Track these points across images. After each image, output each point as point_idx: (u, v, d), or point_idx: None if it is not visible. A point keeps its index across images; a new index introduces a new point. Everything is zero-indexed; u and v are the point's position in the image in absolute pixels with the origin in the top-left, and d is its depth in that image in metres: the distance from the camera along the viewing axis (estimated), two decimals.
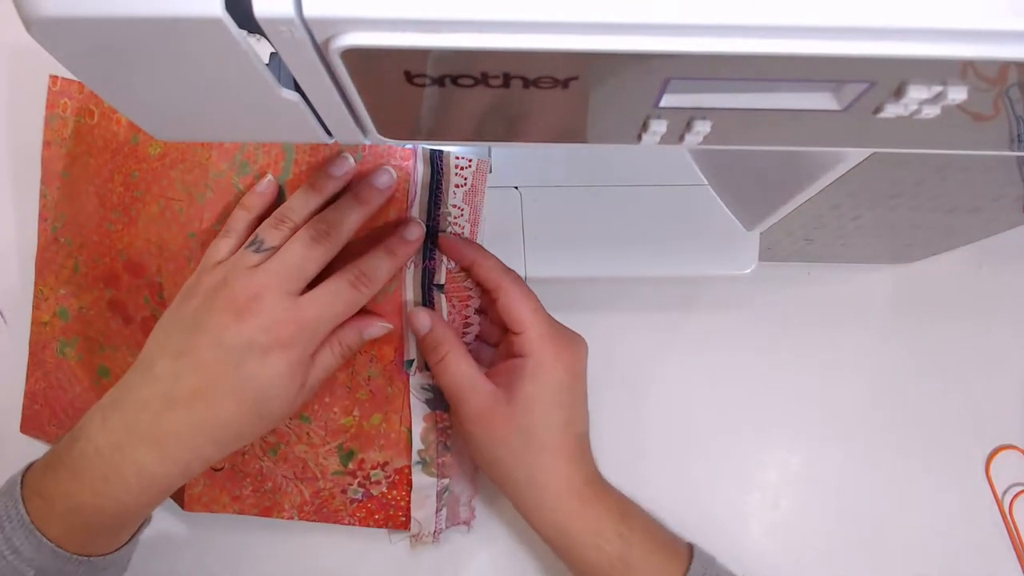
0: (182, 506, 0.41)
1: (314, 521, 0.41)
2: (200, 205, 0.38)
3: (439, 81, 0.19)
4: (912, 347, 0.46)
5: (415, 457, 0.40)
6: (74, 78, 0.44)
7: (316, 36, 0.17)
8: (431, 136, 0.23)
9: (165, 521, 0.44)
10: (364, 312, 0.37)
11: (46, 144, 0.44)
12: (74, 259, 0.43)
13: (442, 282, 0.38)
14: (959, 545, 0.43)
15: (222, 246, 0.35)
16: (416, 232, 0.37)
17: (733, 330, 0.47)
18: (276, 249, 0.34)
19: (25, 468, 0.34)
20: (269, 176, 0.37)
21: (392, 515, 0.41)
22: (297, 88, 0.20)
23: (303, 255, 0.33)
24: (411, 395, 0.39)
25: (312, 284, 0.34)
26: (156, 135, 0.24)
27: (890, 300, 0.48)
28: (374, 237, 0.37)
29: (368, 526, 0.41)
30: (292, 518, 0.41)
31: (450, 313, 0.39)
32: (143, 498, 0.33)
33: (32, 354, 0.44)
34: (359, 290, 0.34)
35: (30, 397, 0.44)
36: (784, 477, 0.44)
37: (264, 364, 0.32)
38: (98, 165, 0.43)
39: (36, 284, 0.44)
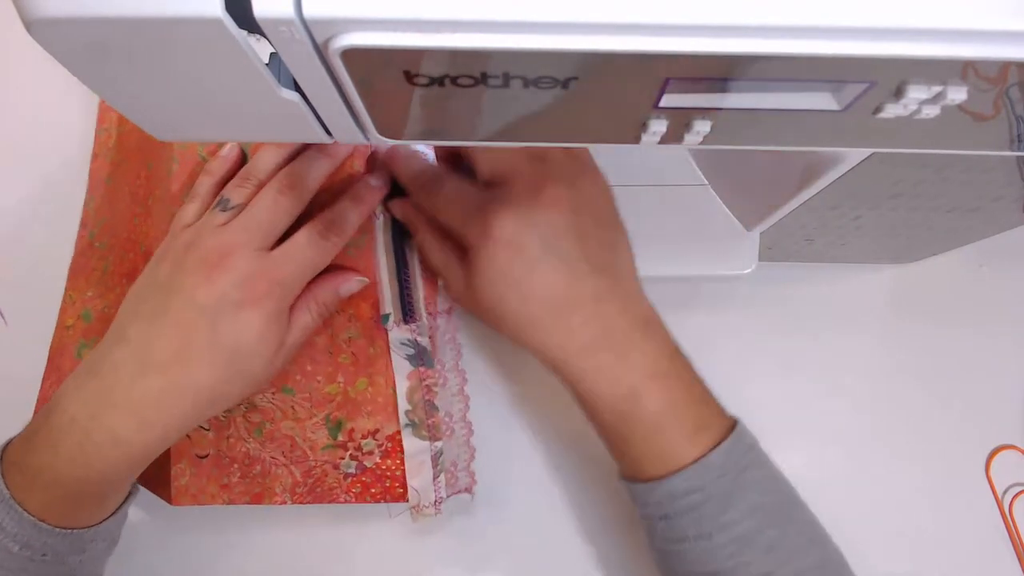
0: (169, 501, 0.40)
1: (308, 503, 0.40)
2: (169, 178, 0.38)
3: (439, 81, 0.19)
4: (912, 347, 0.46)
5: (403, 419, 0.39)
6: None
7: (316, 36, 0.17)
8: (431, 136, 0.23)
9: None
10: (338, 268, 0.37)
11: (94, 157, 0.46)
12: (104, 261, 0.43)
13: None
14: (959, 545, 0.43)
15: (189, 210, 0.35)
16: (381, 179, 0.37)
17: (733, 330, 0.46)
18: (243, 207, 0.34)
19: (5, 443, 0.33)
20: (232, 142, 0.37)
21: (389, 487, 0.40)
22: (297, 88, 0.20)
23: (271, 209, 0.33)
24: (392, 352, 0.39)
25: (283, 241, 0.34)
26: (157, 135, 0.24)
27: (890, 300, 0.48)
28: (341, 190, 0.36)
29: (365, 502, 0.40)
30: (285, 503, 0.40)
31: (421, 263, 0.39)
32: (122, 467, 0.32)
33: (50, 359, 0.44)
34: (329, 239, 0.34)
35: (42, 402, 0.44)
36: None
37: (239, 320, 0.32)
38: (131, 165, 0.43)
39: (66, 289, 0.44)
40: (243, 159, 0.37)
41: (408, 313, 0.38)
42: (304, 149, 0.36)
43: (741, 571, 0.32)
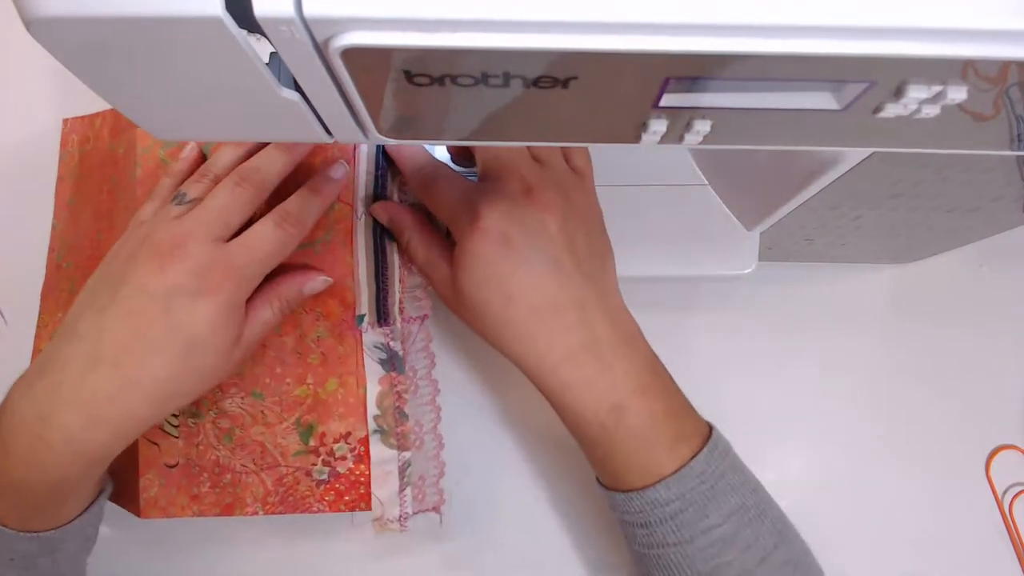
0: (138, 514, 0.39)
1: (280, 513, 0.39)
2: (133, 183, 0.39)
3: (439, 81, 0.19)
4: (912, 347, 0.46)
5: (372, 425, 0.38)
6: (83, 114, 0.46)
7: (316, 35, 0.17)
8: (431, 135, 0.23)
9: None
10: (303, 266, 0.37)
11: (59, 180, 0.46)
12: (71, 281, 0.43)
13: None
14: (959, 545, 0.43)
15: (146, 209, 0.35)
16: (340, 171, 0.37)
17: (733, 330, 0.46)
18: (199, 200, 0.33)
19: None
20: (192, 143, 0.37)
21: (363, 494, 0.38)
22: (297, 88, 0.20)
23: (227, 201, 0.33)
24: (364, 355, 0.38)
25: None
26: (156, 135, 0.24)
27: (890, 300, 0.48)
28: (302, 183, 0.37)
29: (339, 511, 0.39)
30: (256, 513, 0.38)
31: (402, 258, 0.39)
32: (75, 467, 0.31)
33: None
34: (285, 230, 0.34)
35: None
36: (784, 477, 0.44)
37: (192, 310, 0.31)
38: (93, 183, 0.43)
39: (40, 313, 0.44)
40: (203, 160, 0.37)
41: (383, 316, 0.38)
42: (263, 148, 0.36)
43: (722, 571, 0.32)
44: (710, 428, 0.35)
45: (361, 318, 0.38)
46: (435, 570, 0.43)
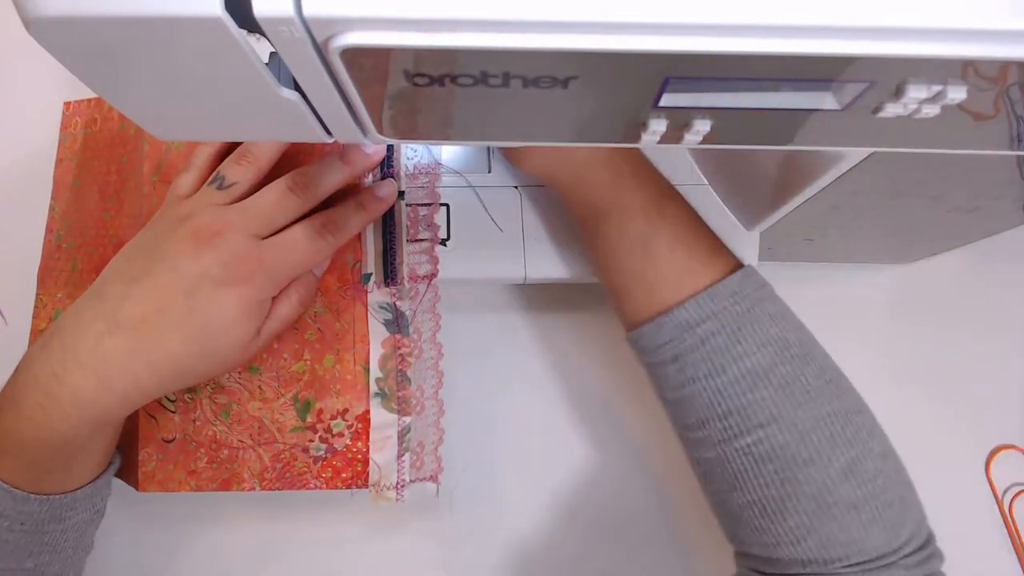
0: (136, 487, 0.39)
1: (277, 489, 0.39)
2: (141, 159, 0.39)
3: (439, 81, 0.19)
4: (912, 347, 0.46)
5: (373, 388, 0.38)
6: (83, 98, 0.46)
7: (316, 35, 0.17)
8: (430, 136, 0.23)
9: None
10: None
11: (58, 162, 0.46)
12: (73, 260, 0.43)
13: (402, 188, 0.38)
14: (959, 545, 0.43)
15: (185, 179, 0.35)
16: (388, 189, 0.37)
17: None
18: (238, 185, 0.34)
19: None
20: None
21: (359, 471, 0.39)
22: (297, 88, 0.20)
23: (276, 203, 0.33)
24: (369, 315, 0.38)
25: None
26: (156, 135, 0.24)
27: (890, 300, 0.48)
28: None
29: (336, 488, 0.39)
30: (253, 489, 0.39)
31: (409, 216, 0.39)
32: (81, 428, 0.31)
33: None
34: (325, 239, 0.34)
35: None
36: None
37: (216, 298, 0.31)
38: (100, 163, 0.44)
39: (37, 293, 0.44)
40: None
41: (389, 275, 0.38)
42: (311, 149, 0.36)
43: (755, 408, 0.30)
44: (742, 263, 0.34)
45: (367, 277, 0.38)
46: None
